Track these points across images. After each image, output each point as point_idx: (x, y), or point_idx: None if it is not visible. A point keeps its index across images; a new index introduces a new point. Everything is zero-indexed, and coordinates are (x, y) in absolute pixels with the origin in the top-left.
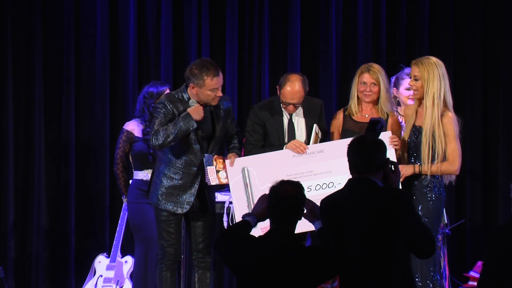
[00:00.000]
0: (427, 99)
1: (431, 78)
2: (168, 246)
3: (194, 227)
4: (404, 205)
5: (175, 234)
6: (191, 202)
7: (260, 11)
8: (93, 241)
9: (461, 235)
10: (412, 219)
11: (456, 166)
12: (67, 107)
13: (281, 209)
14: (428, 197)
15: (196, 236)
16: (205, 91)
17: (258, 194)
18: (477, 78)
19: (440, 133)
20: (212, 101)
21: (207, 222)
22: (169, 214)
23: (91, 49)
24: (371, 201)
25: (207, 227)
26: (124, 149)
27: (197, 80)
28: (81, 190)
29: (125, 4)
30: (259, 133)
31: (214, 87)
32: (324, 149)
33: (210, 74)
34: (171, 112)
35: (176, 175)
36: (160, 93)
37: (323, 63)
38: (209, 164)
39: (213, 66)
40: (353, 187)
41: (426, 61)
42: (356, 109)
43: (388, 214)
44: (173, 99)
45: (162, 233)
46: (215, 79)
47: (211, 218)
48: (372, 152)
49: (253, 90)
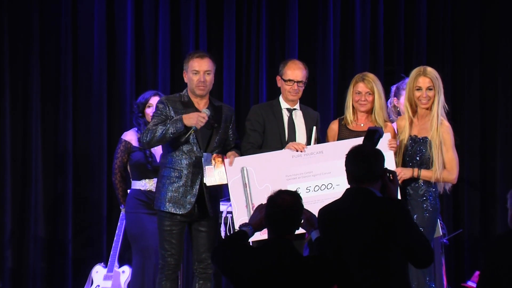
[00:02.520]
0: (438, 109)
1: (440, 88)
2: (169, 256)
3: (196, 237)
4: (402, 216)
5: (176, 245)
6: (192, 202)
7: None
8: (90, 250)
9: (458, 244)
10: (410, 230)
11: (454, 175)
12: (64, 116)
13: (279, 219)
14: (424, 207)
15: (198, 246)
16: (189, 75)
17: (257, 194)
18: (475, 87)
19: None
20: (196, 88)
21: (210, 233)
22: (172, 224)
23: (88, 58)
24: (370, 212)
25: (210, 238)
26: (122, 159)
27: (185, 65)
28: (78, 199)
29: (123, 11)
30: (258, 131)
31: (195, 68)
32: (324, 150)
33: (193, 56)
34: (166, 111)
35: (177, 177)
36: (148, 99)
37: (320, 72)
38: (207, 163)
39: (201, 51)
40: (351, 197)
41: (432, 71)
42: (351, 119)
43: (387, 225)
44: (173, 98)
45: (164, 243)
46: (197, 60)
47: (214, 228)
48: (371, 162)
49: (251, 89)
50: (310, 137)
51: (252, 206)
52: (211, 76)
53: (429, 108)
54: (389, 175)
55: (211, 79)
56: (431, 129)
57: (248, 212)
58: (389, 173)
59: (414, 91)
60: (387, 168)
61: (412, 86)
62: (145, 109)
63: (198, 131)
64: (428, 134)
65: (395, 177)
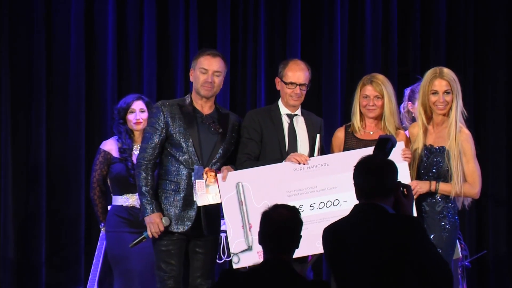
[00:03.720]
0: (456, 115)
1: (459, 91)
2: (169, 279)
3: (192, 259)
4: (417, 236)
5: (175, 266)
6: (192, 217)
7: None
8: (66, 274)
9: (482, 268)
10: (427, 251)
11: (477, 189)
12: (36, 123)
13: (276, 236)
14: (442, 225)
15: (194, 270)
16: (196, 72)
17: (255, 212)
18: (501, 92)
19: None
20: (201, 88)
21: (207, 255)
22: (169, 244)
23: (64, 58)
24: (381, 231)
25: (206, 261)
26: (101, 171)
27: (193, 62)
28: (53, 217)
29: (103, 6)
30: (255, 141)
31: (203, 66)
32: (329, 162)
33: (205, 53)
34: (159, 119)
35: (174, 190)
36: (130, 103)
37: (326, 75)
38: (198, 177)
39: (214, 50)
40: (360, 214)
41: (450, 73)
42: (359, 126)
43: (400, 246)
44: (171, 101)
45: (161, 264)
46: (208, 58)
47: (212, 250)
48: (381, 174)
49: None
50: (313, 147)
51: (250, 226)
52: (220, 79)
53: (446, 114)
54: (403, 189)
55: (220, 81)
56: (449, 138)
57: (244, 233)
58: (403, 187)
59: (429, 95)
60: (400, 182)
61: (427, 89)
62: (126, 115)
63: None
64: (446, 143)
65: (410, 192)
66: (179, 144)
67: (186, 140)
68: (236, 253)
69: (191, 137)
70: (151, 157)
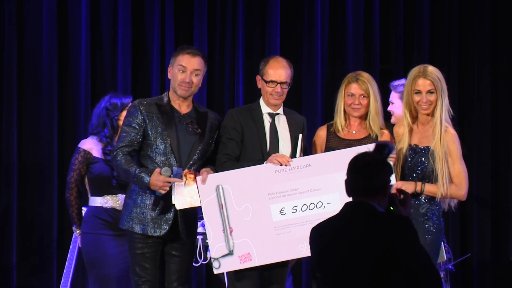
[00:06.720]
0: (442, 114)
1: (444, 90)
2: (143, 283)
3: (168, 262)
4: (407, 237)
5: (151, 270)
6: (170, 219)
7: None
8: (38, 279)
9: (466, 271)
10: (416, 254)
11: (463, 191)
12: (7, 122)
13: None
14: (426, 228)
15: (170, 273)
16: (174, 70)
17: (235, 216)
18: (487, 92)
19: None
20: (179, 87)
21: (184, 258)
22: (144, 247)
23: (35, 55)
24: (369, 231)
25: (183, 265)
26: (80, 171)
27: (172, 59)
28: (24, 219)
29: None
30: (236, 141)
31: (182, 64)
32: (312, 163)
33: (184, 51)
34: (136, 118)
35: (153, 191)
36: (125, 104)
37: (306, 72)
38: None
39: (194, 48)
40: (348, 213)
41: (434, 72)
42: (342, 125)
43: (387, 245)
44: (149, 100)
45: (136, 268)
46: (187, 56)
47: (189, 253)
48: (370, 173)
49: (225, 91)
50: (295, 146)
51: (230, 230)
52: (199, 78)
53: (430, 113)
54: (400, 195)
55: (198, 81)
56: (434, 138)
57: (225, 238)
58: (400, 194)
59: (412, 95)
60: (401, 189)
61: (410, 89)
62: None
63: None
64: (431, 143)
65: (408, 199)
66: (156, 144)
67: (164, 141)
68: (217, 258)
69: (169, 138)
70: (126, 147)
